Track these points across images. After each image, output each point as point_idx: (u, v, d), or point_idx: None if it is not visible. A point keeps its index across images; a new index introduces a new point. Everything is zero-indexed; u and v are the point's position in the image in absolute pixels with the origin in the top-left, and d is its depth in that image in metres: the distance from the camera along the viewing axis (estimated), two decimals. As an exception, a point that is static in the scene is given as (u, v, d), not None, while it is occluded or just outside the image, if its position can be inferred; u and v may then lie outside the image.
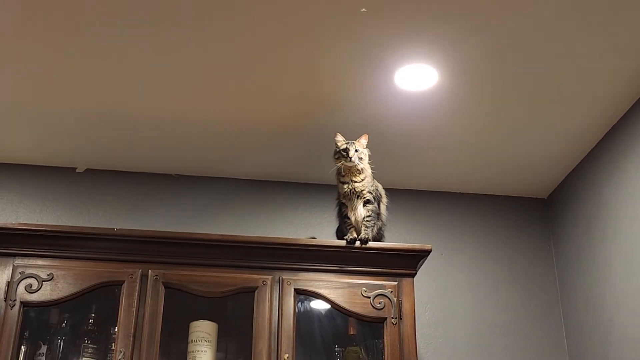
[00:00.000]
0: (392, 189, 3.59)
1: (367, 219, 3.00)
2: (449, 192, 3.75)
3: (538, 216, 3.74)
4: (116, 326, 2.76)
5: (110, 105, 3.11)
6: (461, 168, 3.56)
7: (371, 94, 3.02)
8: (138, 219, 3.43)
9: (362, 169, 3.03)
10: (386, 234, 3.13)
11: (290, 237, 3.31)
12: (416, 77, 2.92)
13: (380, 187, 3.14)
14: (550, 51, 2.78)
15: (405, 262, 2.96)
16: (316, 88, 3.00)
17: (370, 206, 3.02)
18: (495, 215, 3.72)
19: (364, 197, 3.02)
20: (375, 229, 3.02)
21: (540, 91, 2.99)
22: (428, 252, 2.97)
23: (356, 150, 3.01)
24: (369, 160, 3.06)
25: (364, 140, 3.05)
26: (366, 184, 3.03)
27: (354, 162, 3.00)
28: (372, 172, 3.07)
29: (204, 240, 2.91)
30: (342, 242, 2.95)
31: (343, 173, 3.04)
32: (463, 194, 3.75)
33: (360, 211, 3.01)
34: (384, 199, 3.14)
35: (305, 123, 3.21)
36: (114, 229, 2.90)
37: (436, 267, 3.53)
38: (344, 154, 3.00)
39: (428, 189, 3.73)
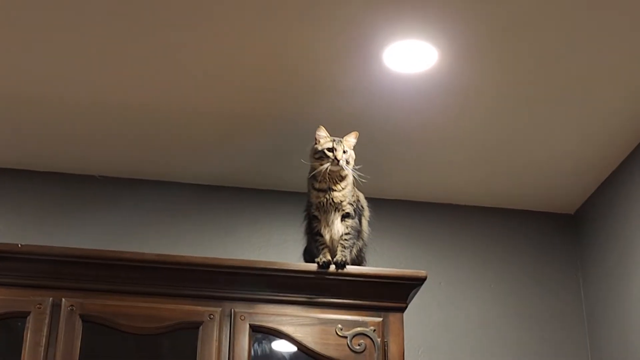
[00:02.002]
0: (378, 199, 3.60)
1: (346, 237, 3.00)
2: (451, 205, 3.77)
3: (563, 236, 3.78)
4: (19, 370, 2.73)
5: (16, 87, 3.09)
6: (467, 174, 3.58)
7: (353, 76, 3.03)
8: (50, 233, 3.41)
9: (345, 175, 3.05)
10: (368, 256, 3.14)
11: (246, 258, 3.30)
12: (410, 55, 2.93)
13: (362, 197, 3.15)
14: (583, 26, 2.81)
15: (392, 293, 2.96)
16: (283, 69, 3.00)
17: (349, 221, 3.03)
18: (509, 234, 3.76)
19: (343, 210, 3.03)
20: (354, 250, 3.03)
21: (567, 82, 3.02)
22: (422, 280, 2.98)
23: (344, 152, 3.02)
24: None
25: (352, 139, 3.07)
26: (347, 194, 3.04)
27: (341, 165, 3.01)
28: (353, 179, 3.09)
29: (134, 260, 2.90)
30: (313, 266, 2.95)
31: (320, 178, 3.04)
32: (468, 207, 3.78)
33: (338, 227, 3.02)
34: (366, 213, 3.15)
35: (267, 114, 3.21)
36: (17, 244, 2.87)
37: (433, 300, 3.55)
38: (330, 154, 3.01)
39: (424, 199, 3.75)
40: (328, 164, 3.00)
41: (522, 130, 3.29)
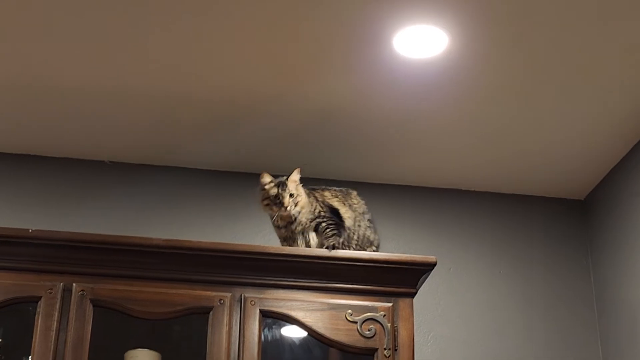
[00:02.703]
0: (387, 184, 3.63)
1: (327, 230, 3.02)
2: (461, 190, 3.77)
3: (573, 222, 3.78)
4: (30, 355, 2.73)
5: (23, 73, 3.10)
6: (477, 159, 3.58)
7: (363, 61, 3.02)
8: (60, 218, 3.42)
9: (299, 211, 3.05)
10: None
11: (256, 243, 3.30)
12: (420, 41, 2.92)
13: (326, 196, 3.14)
14: (596, 7, 2.79)
15: (402, 278, 2.96)
16: (292, 54, 3.00)
17: (323, 223, 3.04)
18: (518, 220, 3.76)
19: (311, 227, 3.05)
20: (342, 238, 3.04)
21: (578, 65, 3.01)
22: (432, 265, 2.98)
23: (291, 195, 3.02)
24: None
25: (296, 176, 3.06)
26: (306, 214, 3.05)
27: (289, 211, 3.01)
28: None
29: (144, 246, 2.90)
30: (323, 251, 2.96)
31: (276, 223, 3.06)
32: (478, 192, 3.78)
33: (315, 240, 3.04)
34: (346, 205, 3.14)
35: (276, 99, 3.21)
36: (28, 229, 2.88)
37: (442, 285, 3.56)
38: (276, 201, 3.01)
39: (433, 185, 3.75)
40: (277, 211, 3.01)
41: (532, 114, 3.28)
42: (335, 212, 3.08)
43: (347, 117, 3.30)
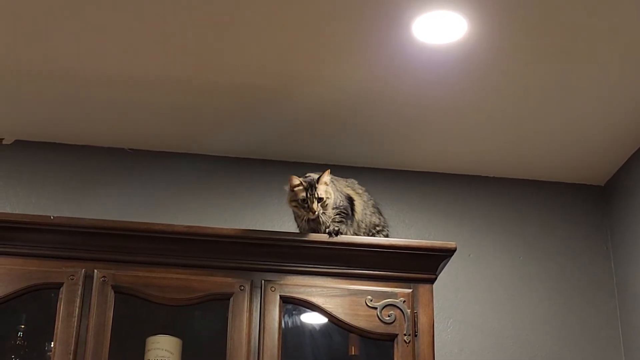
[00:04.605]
0: (407, 171, 3.62)
1: (336, 217, 2.99)
2: (479, 177, 3.76)
3: (592, 208, 3.77)
4: (52, 341, 2.75)
5: (46, 62, 3.10)
6: (496, 145, 3.57)
7: (382, 48, 3.01)
8: (81, 205, 3.43)
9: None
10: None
11: (276, 229, 3.31)
12: (439, 27, 2.91)
13: (350, 186, 3.12)
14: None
15: (422, 265, 2.96)
16: (309, 40, 2.99)
17: (337, 211, 3.01)
18: (538, 206, 3.75)
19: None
20: (348, 227, 3.01)
21: (597, 51, 2.99)
22: (452, 251, 2.98)
23: (319, 200, 2.95)
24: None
25: (326, 177, 2.99)
26: (332, 213, 2.99)
27: (317, 215, 2.94)
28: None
29: (165, 232, 2.91)
30: (343, 238, 2.95)
31: (302, 225, 3.02)
32: (498, 178, 3.77)
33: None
34: (360, 199, 3.11)
35: (296, 86, 3.21)
36: (50, 216, 2.90)
37: (462, 272, 3.55)
38: (304, 205, 2.95)
39: (452, 171, 3.74)
40: (305, 214, 2.96)
41: (551, 100, 3.27)
42: (350, 202, 3.07)
43: (364, 103, 3.30)
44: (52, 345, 2.76)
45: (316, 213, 2.93)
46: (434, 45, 2.99)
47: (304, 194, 2.95)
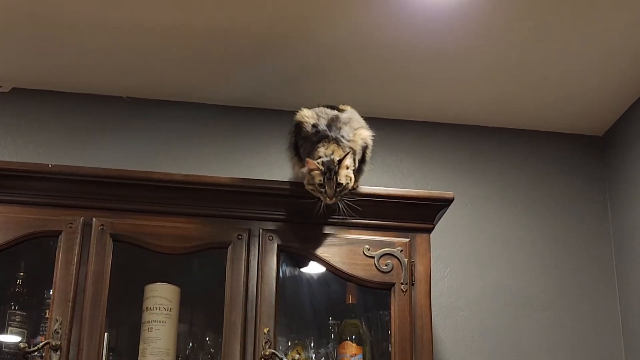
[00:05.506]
0: (404, 120, 3.61)
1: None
2: (478, 126, 3.75)
3: (591, 158, 3.77)
4: (51, 289, 2.77)
5: (43, 7, 3.07)
6: (494, 95, 3.55)
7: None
8: (79, 153, 3.43)
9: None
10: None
11: (277, 179, 3.31)
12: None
13: (366, 138, 3.00)
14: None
15: (420, 214, 2.97)
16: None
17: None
18: (536, 156, 3.74)
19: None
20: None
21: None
22: (449, 201, 2.98)
23: (338, 185, 2.74)
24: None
25: (348, 160, 2.78)
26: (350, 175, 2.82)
27: (334, 202, 2.77)
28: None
29: (163, 181, 2.91)
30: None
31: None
32: (495, 128, 3.76)
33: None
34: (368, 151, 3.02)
35: (294, 34, 3.19)
36: (48, 164, 2.89)
37: (459, 221, 3.56)
38: (321, 190, 2.74)
39: (450, 121, 3.73)
40: (322, 198, 2.79)
41: (550, 50, 3.24)
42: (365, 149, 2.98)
43: (363, 52, 3.27)
44: (51, 293, 2.78)
45: (333, 200, 2.79)
46: (432, -7, 2.98)
47: (320, 177, 2.77)
